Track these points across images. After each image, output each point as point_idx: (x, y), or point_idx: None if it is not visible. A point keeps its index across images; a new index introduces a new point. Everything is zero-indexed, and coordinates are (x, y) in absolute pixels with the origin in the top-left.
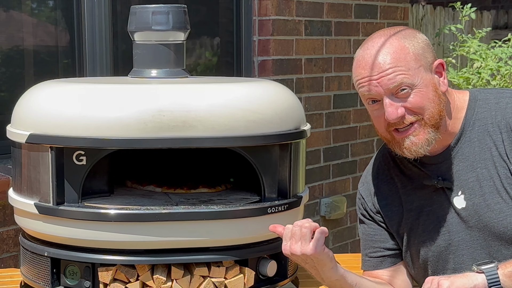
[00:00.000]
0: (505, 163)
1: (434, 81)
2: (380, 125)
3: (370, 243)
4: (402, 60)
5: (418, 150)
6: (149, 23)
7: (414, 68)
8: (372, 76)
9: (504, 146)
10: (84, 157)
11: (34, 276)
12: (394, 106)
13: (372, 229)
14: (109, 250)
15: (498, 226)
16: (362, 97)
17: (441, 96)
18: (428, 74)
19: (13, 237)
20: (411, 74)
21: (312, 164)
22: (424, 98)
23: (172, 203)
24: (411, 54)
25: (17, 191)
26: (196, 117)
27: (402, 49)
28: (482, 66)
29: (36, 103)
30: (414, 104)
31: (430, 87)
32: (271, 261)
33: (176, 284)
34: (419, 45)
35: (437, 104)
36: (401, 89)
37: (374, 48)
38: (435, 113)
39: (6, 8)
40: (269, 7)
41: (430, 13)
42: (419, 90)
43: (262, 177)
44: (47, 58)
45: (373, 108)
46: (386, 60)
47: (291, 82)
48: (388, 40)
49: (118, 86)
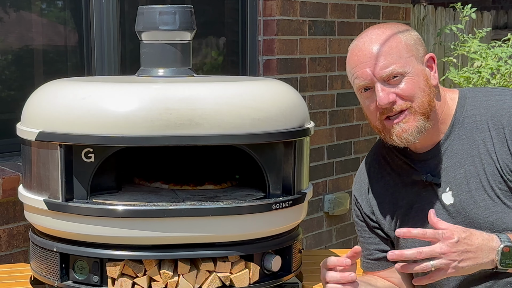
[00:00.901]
0: (492, 160)
1: (426, 73)
2: (372, 114)
3: (366, 246)
4: (394, 48)
5: (408, 137)
6: (156, 23)
7: (405, 57)
8: (365, 63)
9: (492, 143)
10: (92, 155)
11: (43, 271)
12: (386, 91)
13: (367, 232)
14: (117, 245)
15: (484, 223)
16: (355, 87)
17: (432, 87)
18: (420, 65)
19: (23, 232)
20: (402, 62)
21: (315, 161)
22: (415, 85)
23: (178, 200)
24: (403, 44)
25: (27, 188)
26: (202, 115)
27: (394, 39)
28: (483, 65)
29: (46, 101)
30: (405, 90)
31: (421, 76)
32: (275, 256)
33: (183, 279)
34: (411, 37)
35: (427, 94)
36: (392, 76)
37: (368, 37)
38: (425, 101)
39: (16, 8)
40: (273, 8)
41: (431, 13)
42: (410, 78)
43: (267, 174)
44: (56, 57)
45: (365, 96)
46: (378, 49)
47: (295, 81)
48: (381, 30)
49: (126, 85)
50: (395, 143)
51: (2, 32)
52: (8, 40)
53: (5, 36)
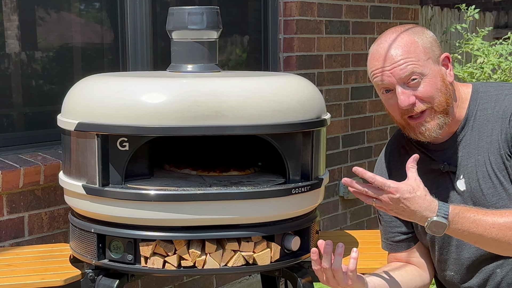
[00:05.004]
0: (496, 149)
1: (442, 72)
2: (395, 112)
3: (388, 229)
4: (412, 52)
5: (431, 134)
6: (186, 23)
7: (423, 59)
8: (385, 67)
9: (498, 134)
10: (127, 143)
11: (82, 250)
12: (406, 94)
13: (388, 216)
14: (150, 227)
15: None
16: (376, 87)
17: (448, 85)
18: (436, 65)
19: (63, 215)
20: (420, 64)
21: (331, 149)
22: (433, 87)
23: (206, 185)
24: (420, 47)
25: (67, 174)
26: (228, 107)
27: (412, 43)
28: (485, 61)
29: (84, 94)
30: (424, 93)
31: (438, 77)
32: (295, 237)
33: (210, 257)
34: (428, 39)
35: (444, 94)
36: (412, 79)
37: (387, 42)
38: (443, 101)
39: (57, 9)
40: (293, 9)
41: (438, 14)
42: (428, 79)
43: (287, 161)
44: (93, 54)
45: (387, 97)
46: (398, 52)
47: (313, 76)
48: (399, 35)
49: (158, 80)
50: (419, 139)
51: (44, 31)
52: (49, 39)
53: (47, 35)
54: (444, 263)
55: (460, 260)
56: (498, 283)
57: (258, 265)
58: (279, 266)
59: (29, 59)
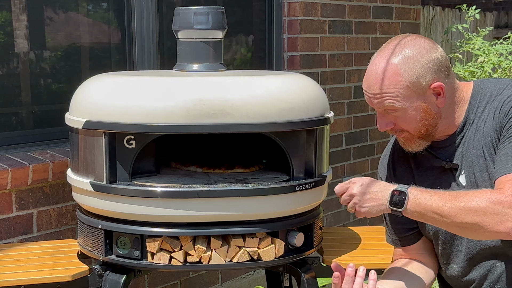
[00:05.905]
0: (490, 142)
1: (426, 105)
2: None
3: (393, 225)
4: (392, 88)
5: (412, 150)
6: (191, 23)
7: (402, 95)
8: (367, 92)
9: (492, 125)
10: (133, 141)
11: (89, 246)
12: (384, 120)
13: None
14: (156, 223)
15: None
16: None
17: (434, 114)
18: (420, 99)
19: (71, 211)
20: (398, 100)
21: (335, 147)
22: (411, 121)
23: (211, 182)
24: (403, 82)
25: (75, 171)
26: (233, 106)
27: (396, 76)
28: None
29: (92, 93)
30: (400, 125)
31: (419, 110)
32: (299, 233)
33: (215, 253)
34: (417, 69)
35: (424, 124)
36: (388, 111)
37: (376, 65)
38: (422, 129)
39: (65, 9)
40: (297, 9)
41: (439, 14)
42: (406, 114)
43: (291, 158)
44: (101, 53)
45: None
46: (377, 85)
47: (317, 75)
48: (389, 60)
49: (164, 78)
50: None
51: (52, 31)
52: (58, 38)
53: (55, 35)
54: (447, 257)
55: (461, 252)
56: (498, 276)
57: (262, 260)
58: (283, 262)
59: (38, 59)
